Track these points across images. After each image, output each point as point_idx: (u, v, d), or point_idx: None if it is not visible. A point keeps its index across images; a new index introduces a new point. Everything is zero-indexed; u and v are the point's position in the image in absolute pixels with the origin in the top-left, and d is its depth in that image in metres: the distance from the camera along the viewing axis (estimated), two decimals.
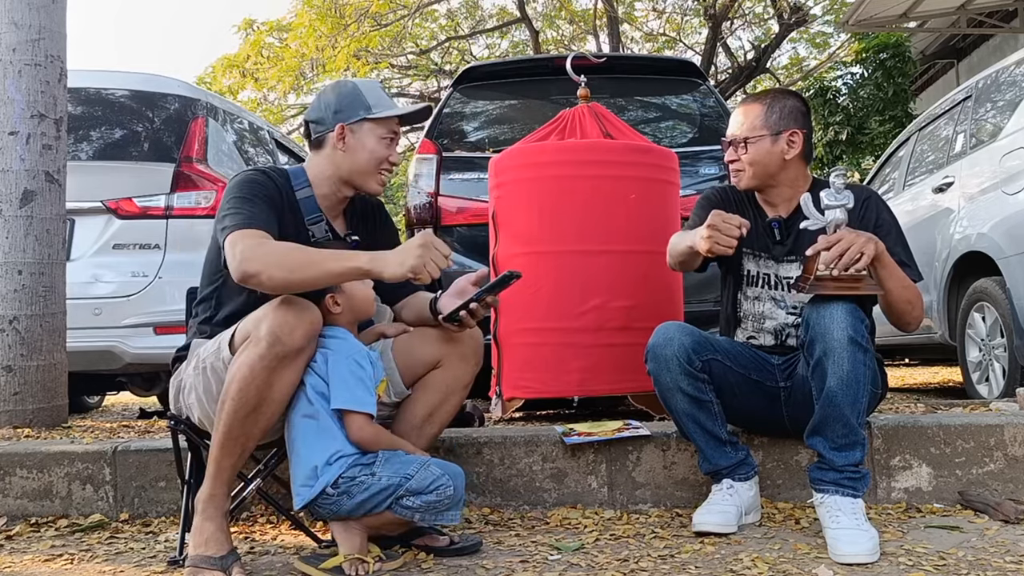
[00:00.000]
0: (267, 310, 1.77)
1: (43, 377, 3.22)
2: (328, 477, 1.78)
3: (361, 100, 2.03)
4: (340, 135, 2.01)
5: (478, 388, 2.79)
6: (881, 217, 2.18)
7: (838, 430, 1.93)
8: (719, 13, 12.14)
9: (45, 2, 3.32)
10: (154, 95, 4.19)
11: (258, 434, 1.81)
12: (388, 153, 2.04)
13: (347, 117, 2.01)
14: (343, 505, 1.78)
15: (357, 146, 2.02)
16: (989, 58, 9.49)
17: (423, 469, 1.78)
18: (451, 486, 1.78)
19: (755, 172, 2.21)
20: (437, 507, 1.78)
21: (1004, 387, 3.62)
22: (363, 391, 1.82)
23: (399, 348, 2.06)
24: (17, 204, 3.23)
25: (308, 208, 2.03)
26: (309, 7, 11.94)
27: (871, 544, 1.81)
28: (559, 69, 3.51)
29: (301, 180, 2.05)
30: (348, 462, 1.79)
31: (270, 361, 1.73)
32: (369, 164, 2.02)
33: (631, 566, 1.81)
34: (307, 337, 1.77)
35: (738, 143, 2.22)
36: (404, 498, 1.76)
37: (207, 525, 1.80)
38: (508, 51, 15.54)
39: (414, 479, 1.76)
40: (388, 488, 1.76)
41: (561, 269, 2.90)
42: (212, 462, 1.82)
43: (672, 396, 2.12)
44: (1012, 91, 3.87)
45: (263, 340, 1.73)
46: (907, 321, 2.11)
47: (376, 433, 1.85)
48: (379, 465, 1.80)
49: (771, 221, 2.26)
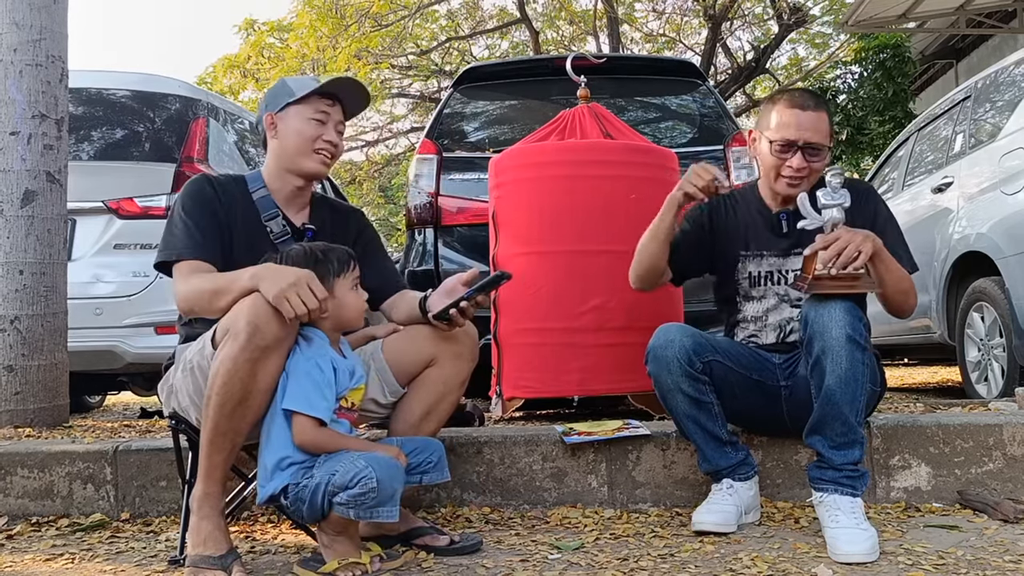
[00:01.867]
0: (245, 303, 1.77)
1: (44, 377, 3.22)
2: (277, 483, 1.77)
3: (286, 89, 2.11)
4: (271, 124, 2.11)
5: (478, 388, 2.80)
6: (879, 209, 2.20)
7: (837, 429, 1.93)
8: (719, 14, 12.14)
9: (46, 2, 3.33)
10: (155, 95, 4.19)
11: (246, 428, 1.80)
12: (319, 132, 2.09)
13: (274, 107, 2.11)
14: (303, 512, 1.77)
15: (286, 131, 2.09)
16: (989, 58, 9.49)
17: (349, 463, 1.72)
18: (373, 478, 1.68)
19: (811, 181, 2.18)
20: (364, 501, 1.69)
21: (1003, 387, 3.62)
22: (316, 395, 1.79)
23: (389, 347, 2.06)
24: (18, 204, 3.24)
25: (264, 206, 2.10)
26: (310, 7, 11.95)
27: (870, 543, 1.81)
28: (559, 69, 3.51)
29: (257, 183, 2.13)
30: (295, 469, 1.77)
31: (252, 352, 1.73)
32: (299, 145, 2.08)
33: (631, 565, 1.81)
34: (284, 327, 1.76)
35: (814, 150, 2.13)
36: (335, 495, 1.71)
37: (204, 524, 1.80)
38: (508, 52, 15.54)
39: (339, 474, 1.71)
40: (320, 485, 1.72)
41: (561, 269, 2.91)
42: (203, 459, 1.81)
43: (673, 397, 2.12)
44: (1011, 91, 3.87)
45: (242, 332, 1.73)
46: (902, 310, 2.15)
47: (318, 438, 1.79)
48: (317, 467, 1.77)
49: (779, 213, 2.26)
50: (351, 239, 2.18)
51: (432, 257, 4.04)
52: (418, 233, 4.10)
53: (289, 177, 2.11)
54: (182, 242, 1.97)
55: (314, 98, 2.08)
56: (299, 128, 2.07)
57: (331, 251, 1.94)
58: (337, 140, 2.13)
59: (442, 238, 4.07)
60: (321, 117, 2.08)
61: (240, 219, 2.05)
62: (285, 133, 2.09)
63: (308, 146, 2.08)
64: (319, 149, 2.09)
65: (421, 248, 4.07)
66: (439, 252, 4.05)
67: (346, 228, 2.21)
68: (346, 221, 2.23)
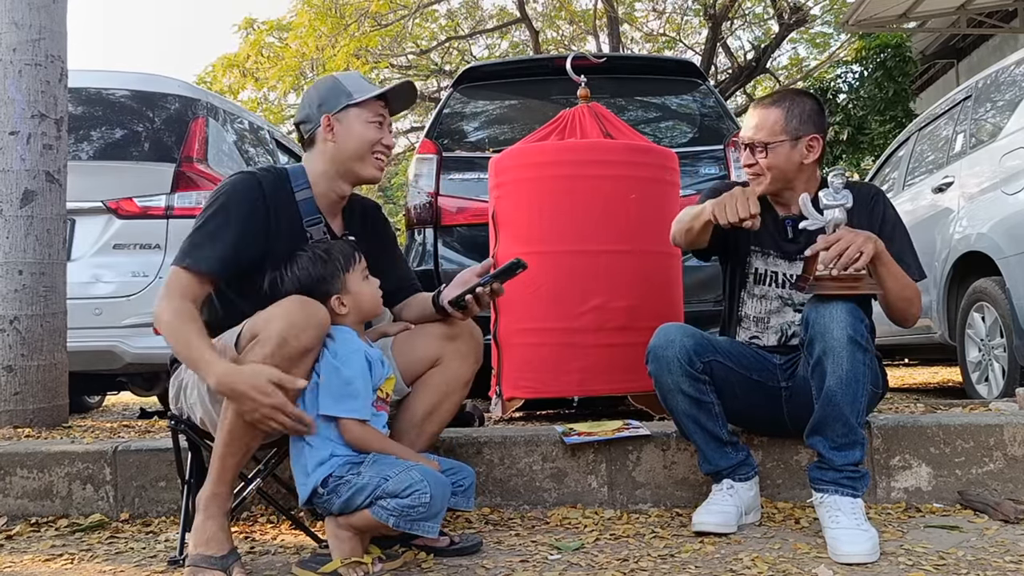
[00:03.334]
0: (277, 310, 1.76)
1: (43, 377, 3.22)
2: (318, 476, 1.78)
3: (342, 89, 2.03)
4: (328, 126, 2.01)
5: (478, 388, 2.79)
6: (887, 214, 2.19)
7: (837, 429, 1.93)
8: (719, 13, 12.14)
9: (46, 2, 3.32)
10: (154, 95, 4.19)
11: (262, 434, 1.81)
12: (379, 135, 2.03)
13: (331, 108, 2.01)
14: (332, 504, 1.77)
15: (345, 134, 2.01)
16: (989, 58, 9.49)
17: (404, 472, 1.74)
18: (427, 493, 1.71)
19: (773, 177, 2.19)
20: (412, 514, 1.71)
21: (1004, 387, 3.62)
22: (351, 397, 1.80)
23: (399, 346, 2.06)
24: (18, 204, 3.23)
25: (307, 210, 2.02)
26: (309, 7, 11.95)
27: (871, 544, 1.81)
28: (559, 69, 3.51)
29: (301, 181, 2.03)
30: (340, 461, 1.79)
31: (278, 361, 1.72)
32: (360, 148, 2.01)
33: (631, 566, 1.81)
34: (315, 339, 1.77)
35: (756, 147, 2.19)
36: (382, 499, 1.72)
37: (209, 524, 1.80)
38: (508, 51, 15.54)
39: (392, 480, 1.72)
40: (367, 487, 1.73)
41: (561, 269, 2.90)
42: (216, 460, 1.81)
43: (673, 397, 2.12)
44: (1012, 91, 3.87)
45: (271, 340, 1.72)
46: (904, 318, 2.12)
47: (364, 436, 1.82)
48: (366, 465, 1.78)
49: (785, 219, 2.26)
50: (379, 238, 2.17)
51: (432, 257, 4.04)
52: (418, 233, 4.10)
53: (339, 182, 2.04)
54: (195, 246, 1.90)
55: (372, 100, 2.02)
56: (361, 132, 2.00)
57: (334, 248, 1.93)
58: (392, 143, 2.08)
59: (442, 238, 4.07)
60: (380, 120, 2.03)
61: (285, 220, 1.99)
62: (344, 136, 2.00)
63: (368, 149, 2.02)
64: (378, 154, 2.03)
65: (421, 248, 4.08)
66: (439, 252, 4.05)
67: (375, 228, 2.19)
68: (373, 221, 2.20)
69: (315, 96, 2.05)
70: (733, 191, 2.03)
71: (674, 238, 2.30)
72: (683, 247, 2.33)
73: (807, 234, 2.08)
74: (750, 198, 2.00)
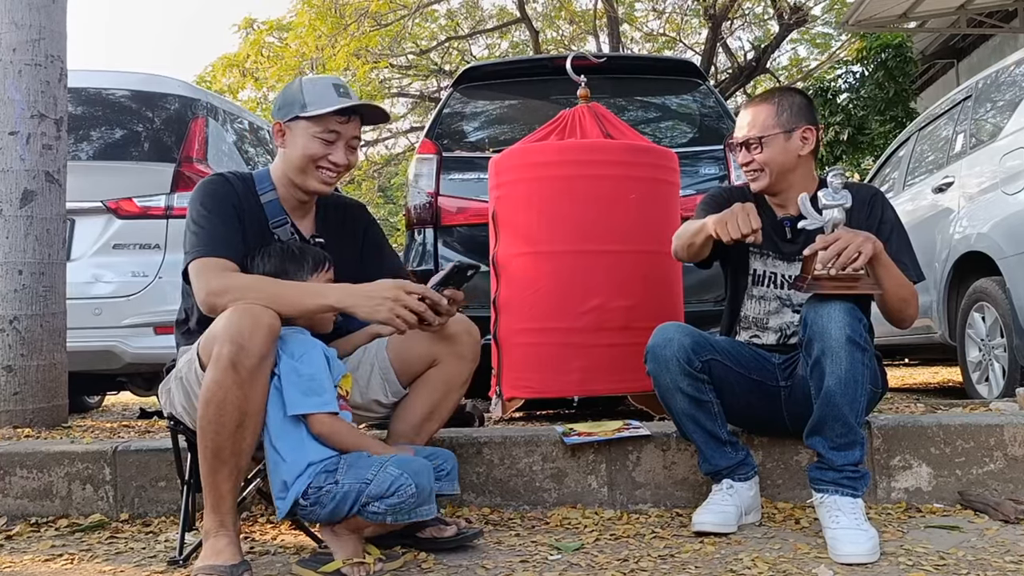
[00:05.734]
0: (222, 324, 1.72)
1: (43, 377, 3.22)
2: (298, 488, 1.75)
3: (298, 98, 1.99)
4: (279, 132, 2.02)
5: (478, 388, 2.79)
6: (885, 215, 2.19)
7: (837, 429, 1.93)
8: (719, 13, 12.13)
9: (45, 2, 3.32)
10: (154, 95, 4.19)
11: (248, 449, 1.77)
12: (324, 151, 1.98)
13: (284, 115, 2.01)
14: (318, 515, 1.76)
15: (292, 143, 2.00)
16: (989, 58, 9.50)
17: (381, 472, 1.71)
18: (411, 485, 1.70)
19: (771, 171, 2.20)
20: (402, 508, 1.71)
21: (1004, 387, 3.62)
22: (316, 393, 1.78)
23: (394, 347, 2.05)
24: (17, 204, 3.23)
25: (272, 211, 2.02)
26: (309, 7, 11.95)
27: (871, 544, 1.81)
28: (559, 69, 3.51)
29: (265, 184, 2.04)
30: (316, 470, 1.76)
31: (239, 375, 1.69)
32: (301, 162, 1.99)
33: (631, 566, 1.81)
34: (267, 343, 1.72)
35: (751, 143, 2.20)
36: (368, 504, 1.71)
37: (219, 542, 1.75)
38: (508, 51, 15.54)
39: (373, 483, 1.70)
40: (350, 494, 1.72)
41: (561, 269, 2.90)
42: (209, 489, 1.75)
43: (672, 397, 2.12)
44: (1012, 91, 3.87)
45: (225, 358, 1.68)
46: (901, 319, 2.12)
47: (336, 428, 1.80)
48: (342, 471, 1.75)
49: (783, 220, 2.26)
50: (358, 239, 2.16)
51: (432, 257, 4.04)
52: (418, 233, 4.10)
53: (294, 188, 2.05)
54: (211, 236, 1.89)
55: (327, 115, 1.97)
56: (304, 145, 1.98)
57: (307, 249, 1.97)
58: (344, 160, 2.02)
59: (442, 238, 4.07)
60: (329, 137, 1.98)
61: (255, 222, 1.99)
62: (291, 145, 2.00)
63: (309, 164, 1.99)
64: (322, 168, 2.00)
65: (421, 248, 4.07)
66: (439, 252, 4.05)
67: (353, 228, 2.17)
68: (352, 220, 2.18)
69: (280, 98, 2.06)
70: (733, 208, 2.02)
71: (676, 252, 2.31)
72: (685, 260, 2.33)
73: (806, 234, 2.08)
74: (750, 213, 2.00)
